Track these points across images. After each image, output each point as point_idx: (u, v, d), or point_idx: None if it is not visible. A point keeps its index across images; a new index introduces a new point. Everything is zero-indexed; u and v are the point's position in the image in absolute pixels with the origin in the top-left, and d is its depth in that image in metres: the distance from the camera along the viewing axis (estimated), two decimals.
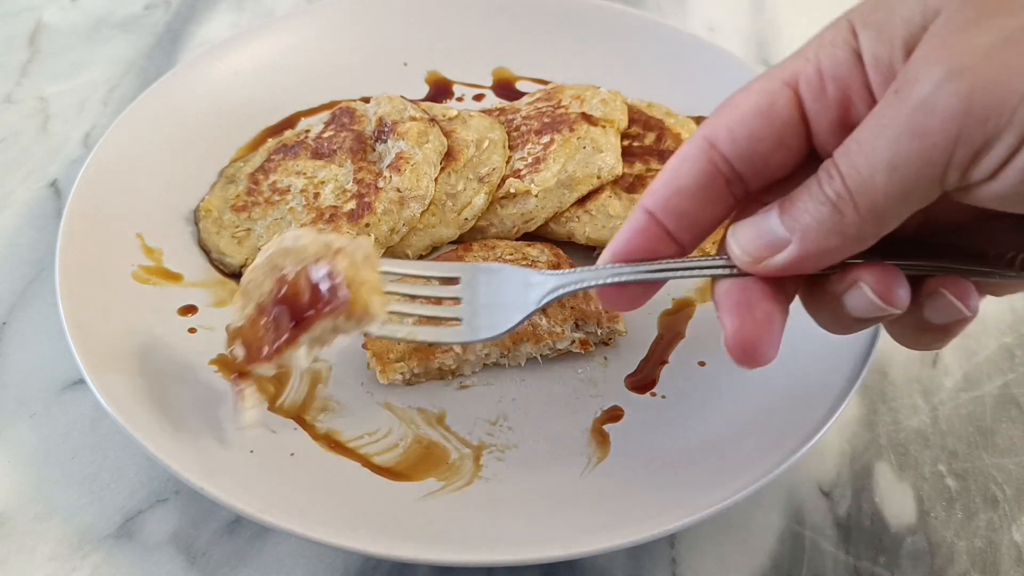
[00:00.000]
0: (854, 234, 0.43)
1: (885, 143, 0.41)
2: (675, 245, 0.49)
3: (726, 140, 0.47)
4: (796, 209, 0.45)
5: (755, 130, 0.46)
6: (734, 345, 0.47)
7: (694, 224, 0.48)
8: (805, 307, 0.51)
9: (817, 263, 0.45)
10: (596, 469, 0.59)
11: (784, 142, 0.46)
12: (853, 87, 0.45)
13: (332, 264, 0.52)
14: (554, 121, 0.77)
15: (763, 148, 0.46)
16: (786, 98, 0.46)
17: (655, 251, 0.48)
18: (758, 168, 0.47)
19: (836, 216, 0.43)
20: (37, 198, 0.80)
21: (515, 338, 0.64)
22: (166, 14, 1.01)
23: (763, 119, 0.46)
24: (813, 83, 0.46)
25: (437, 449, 0.61)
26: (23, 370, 0.67)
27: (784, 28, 1.04)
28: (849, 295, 0.46)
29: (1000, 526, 0.61)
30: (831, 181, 0.43)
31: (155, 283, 0.68)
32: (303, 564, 0.58)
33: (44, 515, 0.59)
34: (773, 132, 0.46)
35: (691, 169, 0.47)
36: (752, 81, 0.48)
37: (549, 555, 0.52)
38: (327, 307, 0.52)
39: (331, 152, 0.76)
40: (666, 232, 0.48)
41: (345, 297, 0.51)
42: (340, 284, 0.52)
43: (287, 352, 0.54)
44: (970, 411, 0.68)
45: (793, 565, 0.59)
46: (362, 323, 0.52)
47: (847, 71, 0.45)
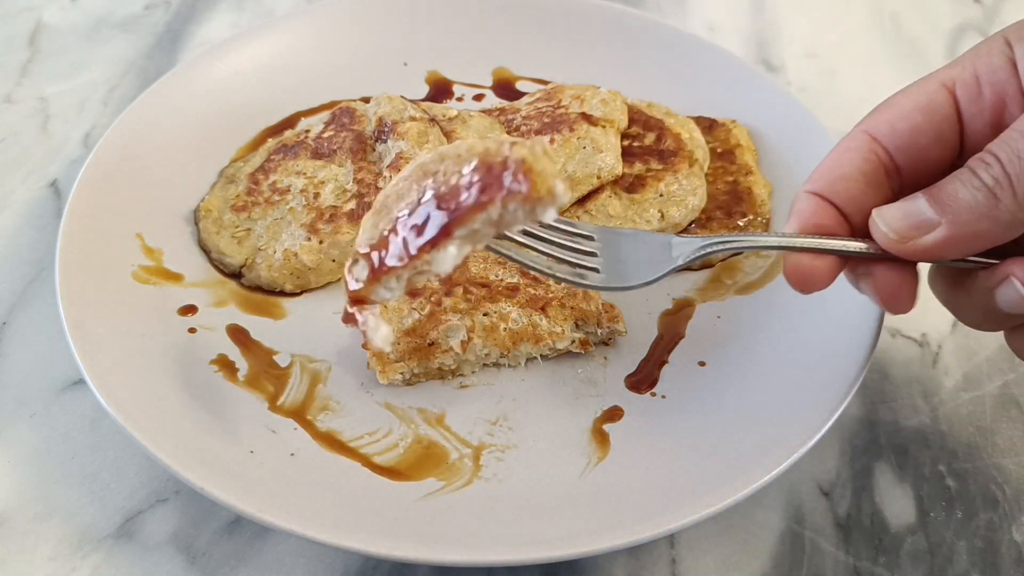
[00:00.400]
0: (1007, 220, 0.46)
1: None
2: (846, 223, 0.52)
3: (887, 133, 0.51)
4: (945, 194, 0.47)
5: (916, 124, 0.50)
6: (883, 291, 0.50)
7: (860, 209, 0.51)
8: (947, 304, 0.54)
9: (965, 247, 0.48)
10: (596, 469, 0.59)
11: (942, 137, 0.50)
12: (1008, 92, 0.49)
13: (508, 154, 0.47)
14: (554, 121, 0.77)
15: (922, 141, 0.50)
16: (944, 97, 0.50)
17: (832, 227, 0.52)
18: (916, 161, 0.51)
19: (991, 201, 0.45)
20: (37, 198, 0.80)
21: (515, 338, 0.64)
22: (166, 14, 1.01)
23: (923, 114, 0.50)
24: (970, 86, 0.49)
25: (437, 449, 0.61)
26: (23, 370, 0.67)
27: (784, 28, 1.04)
28: (1001, 290, 0.49)
29: (1000, 526, 0.61)
30: (988, 168, 0.46)
31: (155, 283, 0.68)
32: (303, 564, 0.58)
33: (44, 515, 0.59)
34: (932, 126, 0.50)
35: (854, 158, 0.51)
36: (908, 85, 0.52)
37: (549, 555, 0.52)
38: (497, 193, 0.47)
39: (331, 152, 0.76)
40: (836, 210, 0.51)
41: (523, 181, 0.46)
42: (516, 170, 0.47)
43: (432, 253, 0.49)
44: (970, 411, 0.68)
45: (793, 565, 0.59)
46: (541, 205, 0.47)
47: (1003, 77, 0.49)
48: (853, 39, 1.04)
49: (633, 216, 0.73)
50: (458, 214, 0.48)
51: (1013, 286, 0.48)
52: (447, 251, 0.49)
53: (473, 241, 0.49)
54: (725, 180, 0.78)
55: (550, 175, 0.46)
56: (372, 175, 0.73)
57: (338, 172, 0.75)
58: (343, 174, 0.74)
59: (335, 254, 0.70)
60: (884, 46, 1.03)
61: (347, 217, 0.71)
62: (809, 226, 0.52)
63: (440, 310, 0.65)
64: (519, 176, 0.46)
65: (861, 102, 0.94)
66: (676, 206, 0.73)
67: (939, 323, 0.73)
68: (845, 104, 0.94)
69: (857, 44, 1.03)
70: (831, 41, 1.03)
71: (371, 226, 0.52)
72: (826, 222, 0.52)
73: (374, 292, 0.52)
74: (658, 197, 0.74)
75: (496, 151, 0.48)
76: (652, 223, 0.73)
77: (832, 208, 0.52)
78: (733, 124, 0.82)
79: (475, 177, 0.48)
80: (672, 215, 0.73)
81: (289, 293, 0.70)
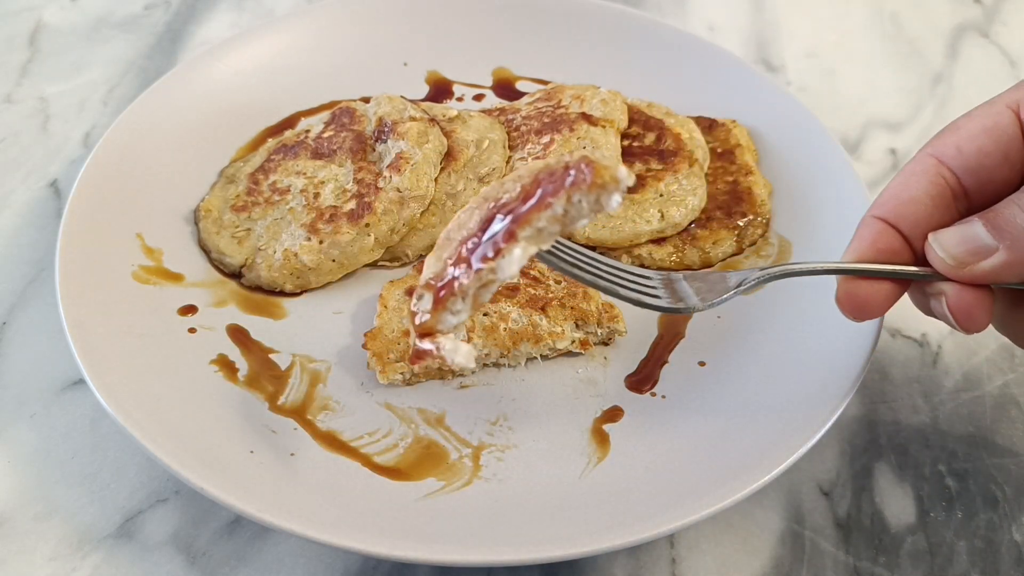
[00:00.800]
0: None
1: None
2: (910, 249, 0.52)
3: (954, 156, 0.51)
4: (1003, 219, 0.47)
5: (982, 145, 0.50)
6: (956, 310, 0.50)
7: (926, 232, 0.51)
8: (1003, 328, 0.54)
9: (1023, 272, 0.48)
10: (596, 469, 0.59)
11: (1009, 158, 0.50)
12: None
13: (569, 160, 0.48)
14: (554, 121, 0.77)
15: (989, 162, 0.50)
16: (1009, 119, 0.50)
17: (895, 252, 0.52)
18: (983, 183, 0.51)
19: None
20: (37, 198, 0.80)
21: (515, 338, 0.64)
22: (166, 14, 1.01)
23: (989, 135, 0.50)
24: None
25: (437, 449, 0.61)
26: (23, 370, 0.67)
27: (784, 28, 1.04)
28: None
29: (1000, 526, 0.61)
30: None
31: (155, 283, 0.68)
32: (303, 564, 0.58)
33: (44, 515, 0.59)
34: (999, 148, 0.50)
35: (920, 181, 0.51)
36: (973, 109, 0.52)
37: (549, 555, 0.52)
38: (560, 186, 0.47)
39: (331, 152, 0.76)
40: (902, 237, 0.51)
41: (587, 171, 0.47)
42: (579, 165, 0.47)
43: (497, 261, 0.48)
44: (970, 411, 0.68)
45: (793, 565, 0.59)
46: (606, 193, 0.47)
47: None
48: (853, 39, 1.04)
49: (633, 216, 0.73)
50: (522, 215, 0.48)
51: None
52: (512, 255, 0.48)
53: (539, 241, 0.49)
54: (725, 180, 0.78)
55: (612, 163, 0.47)
56: (372, 175, 0.73)
57: (338, 172, 0.75)
58: (343, 174, 0.74)
59: (335, 254, 0.70)
60: (884, 46, 1.03)
61: (347, 217, 0.71)
62: (870, 252, 0.52)
63: None
64: (582, 168, 0.47)
65: (861, 102, 0.95)
66: (676, 206, 0.73)
67: (939, 324, 0.73)
68: (845, 104, 0.94)
69: (857, 44, 1.03)
70: (831, 41, 1.03)
71: (434, 260, 0.52)
72: (889, 246, 0.52)
73: (441, 321, 0.51)
74: (658, 197, 0.74)
75: (557, 162, 0.49)
76: (652, 223, 0.73)
77: (895, 233, 0.52)
78: (733, 124, 0.82)
79: (538, 184, 0.48)
80: (672, 215, 0.73)
81: (289, 293, 0.70)
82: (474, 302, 0.50)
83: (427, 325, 0.51)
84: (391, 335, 0.65)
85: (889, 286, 0.52)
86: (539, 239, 0.49)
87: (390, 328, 0.66)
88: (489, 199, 0.51)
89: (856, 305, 0.52)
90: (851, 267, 0.53)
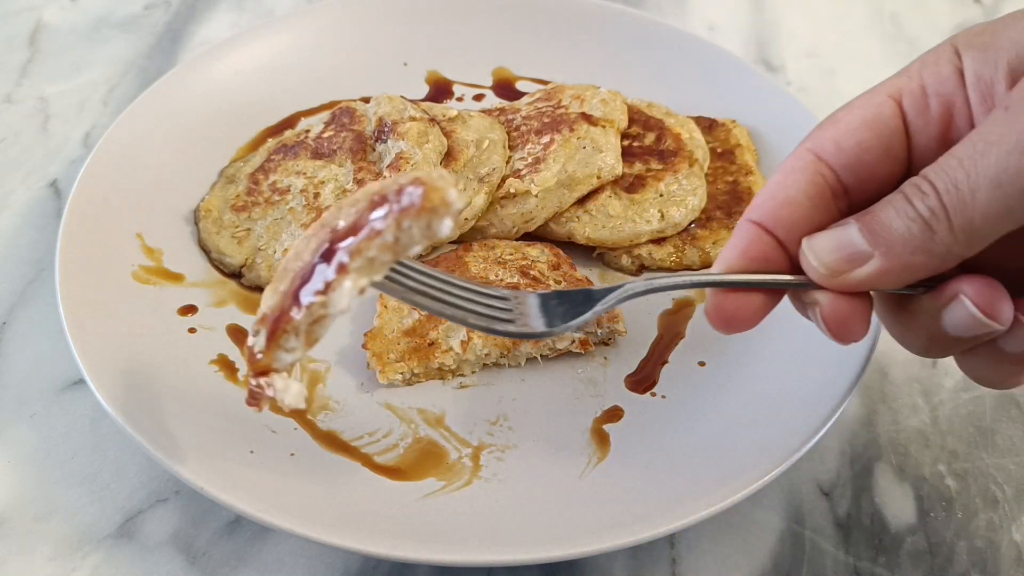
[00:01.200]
0: (942, 252, 0.43)
1: (993, 159, 0.40)
2: (786, 256, 0.48)
3: (832, 151, 0.47)
4: (879, 224, 0.44)
5: (862, 139, 0.46)
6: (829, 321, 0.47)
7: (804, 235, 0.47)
8: (890, 330, 0.50)
9: (898, 280, 0.45)
10: (596, 469, 0.59)
11: (890, 152, 0.47)
12: (956, 104, 0.45)
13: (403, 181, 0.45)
14: (554, 121, 0.77)
15: (870, 158, 0.47)
16: (891, 110, 0.47)
17: (768, 260, 0.48)
18: (864, 179, 0.47)
19: (927, 233, 0.42)
20: (37, 198, 0.80)
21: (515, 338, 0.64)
22: (166, 14, 1.01)
23: (869, 129, 0.46)
24: (917, 98, 0.46)
25: (437, 449, 0.61)
26: (23, 370, 0.67)
27: (784, 28, 1.04)
28: (949, 311, 0.45)
29: (1000, 526, 0.61)
30: (924, 197, 0.42)
31: (155, 283, 0.68)
32: (303, 564, 0.58)
33: (44, 515, 0.59)
34: (880, 142, 0.46)
35: (798, 180, 0.47)
36: (853, 99, 0.48)
37: (549, 555, 0.52)
38: (389, 215, 0.45)
39: (331, 152, 0.76)
40: (777, 242, 0.48)
41: (415, 194, 0.44)
42: (405, 188, 0.45)
43: (329, 295, 0.46)
44: (970, 411, 0.68)
45: (793, 565, 0.59)
46: (437, 217, 0.44)
47: (951, 88, 0.45)
48: (853, 39, 1.04)
49: (633, 216, 0.73)
50: (353, 246, 0.46)
51: (963, 306, 0.44)
52: (343, 288, 0.46)
53: (371, 272, 0.46)
54: (725, 180, 0.78)
55: (444, 185, 0.44)
56: (372, 175, 0.73)
57: (338, 172, 0.75)
58: (343, 174, 0.74)
59: None
60: (884, 46, 1.03)
61: None
62: (740, 261, 0.48)
63: None
64: (413, 190, 0.44)
65: None
66: (676, 206, 0.73)
67: None
68: None
69: (857, 44, 1.03)
70: (831, 41, 1.03)
71: (271, 294, 0.50)
72: (762, 254, 0.48)
73: (276, 359, 0.49)
74: (658, 197, 0.74)
75: (391, 183, 0.46)
76: (652, 223, 0.73)
77: (770, 238, 0.48)
78: (733, 124, 0.82)
79: (370, 210, 0.46)
80: (672, 215, 0.73)
81: None
82: (307, 338, 0.48)
83: (261, 364, 0.49)
84: (391, 335, 0.65)
85: (761, 297, 0.48)
86: (371, 269, 0.46)
87: (390, 328, 0.66)
88: (326, 226, 0.48)
89: (724, 319, 0.48)
90: (717, 279, 0.48)
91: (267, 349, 0.49)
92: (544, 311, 0.51)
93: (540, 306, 0.51)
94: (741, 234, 0.48)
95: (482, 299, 0.50)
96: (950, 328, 0.45)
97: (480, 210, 0.73)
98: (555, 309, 0.51)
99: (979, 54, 0.45)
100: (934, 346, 0.48)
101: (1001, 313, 0.44)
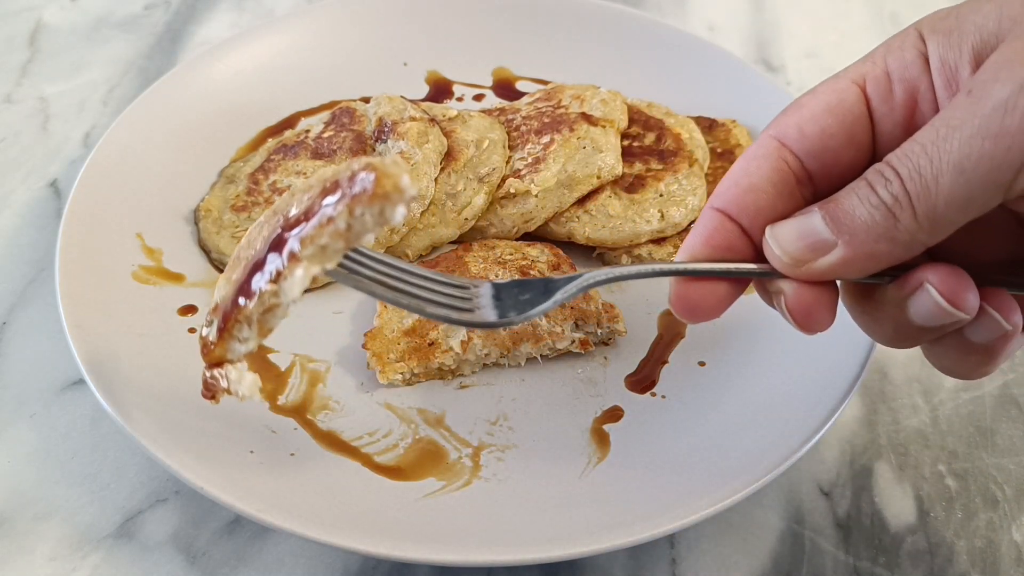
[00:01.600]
0: (906, 240, 0.42)
1: (956, 145, 0.40)
2: (750, 244, 0.47)
3: (796, 138, 0.46)
4: (842, 211, 0.43)
5: (826, 126, 0.46)
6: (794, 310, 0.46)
7: (768, 223, 0.47)
8: (856, 320, 0.50)
9: (862, 269, 0.44)
10: (596, 469, 0.59)
11: (854, 139, 0.46)
12: (920, 90, 0.45)
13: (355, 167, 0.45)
14: (554, 121, 0.77)
15: (834, 144, 0.46)
16: (855, 95, 0.46)
17: (732, 249, 0.47)
18: (828, 166, 0.46)
19: (889, 220, 0.42)
20: (37, 198, 0.80)
21: (515, 338, 0.64)
22: (166, 14, 1.01)
23: (833, 115, 0.46)
24: (881, 84, 0.46)
25: (437, 449, 0.61)
26: (23, 370, 0.67)
27: (784, 28, 1.04)
28: (914, 300, 0.44)
29: (1000, 526, 0.61)
30: (888, 184, 0.42)
31: (155, 283, 0.68)
32: (303, 564, 0.58)
33: (44, 515, 0.59)
34: (843, 128, 0.46)
35: (761, 167, 0.47)
36: (818, 85, 0.47)
37: (549, 555, 0.52)
38: (341, 201, 0.44)
39: (331, 152, 0.76)
40: (741, 230, 0.47)
41: (367, 181, 0.44)
42: (358, 174, 0.44)
43: (280, 284, 0.46)
44: (970, 411, 0.68)
45: (793, 565, 0.59)
46: (390, 204, 0.44)
47: (915, 74, 0.45)
48: (853, 39, 1.04)
49: (633, 216, 0.73)
50: (304, 234, 0.45)
51: (928, 295, 0.44)
52: (294, 276, 0.45)
53: (323, 260, 0.45)
54: None
55: (397, 172, 0.43)
56: None
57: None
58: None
59: None
60: None
61: None
62: (703, 250, 0.47)
63: None
64: (365, 176, 0.44)
65: None
66: (676, 206, 0.73)
67: None
68: None
69: (857, 44, 1.03)
70: (831, 41, 1.03)
71: (224, 283, 0.49)
72: (726, 242, 0.47)
73: (229, 350, 0.49)
74: (658, 197, 0.74)
75: (344, 169, 0.46)
76: (652, 223, 0.73)
77: (734, 226, 0.47)
78: (733, 124, 0.82)
79: (322, 196, 0.46)
80: (672, 215, 0.73)
81: None
82: (260, 328, 0.47)
83: (215, 355, 0.48)
84: (391, 335, 0.65)
85: (725, 286, 0.47)
86: (323, 257, 0.45)
87: (390, 328, 0.66)
88: (279, 213, 0.48)
89: (687, 308, 0.48)
90: (680, 268, 0.47)
91: (220, 340, 0.48)
92: (501, 300, 0.49)
93: (495, 296, 0.49)
94: (704, 222, 0.48)
95: (439, 287, 0.49)
96: (916, 317, 0.45)
97: (480, 210, 0.73)
98: (516, 298, 0.49)
99: (944, 38, 0.44)
100: (901, 336, 0.47)
101: (966, 302, 0.44)
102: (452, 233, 0.73)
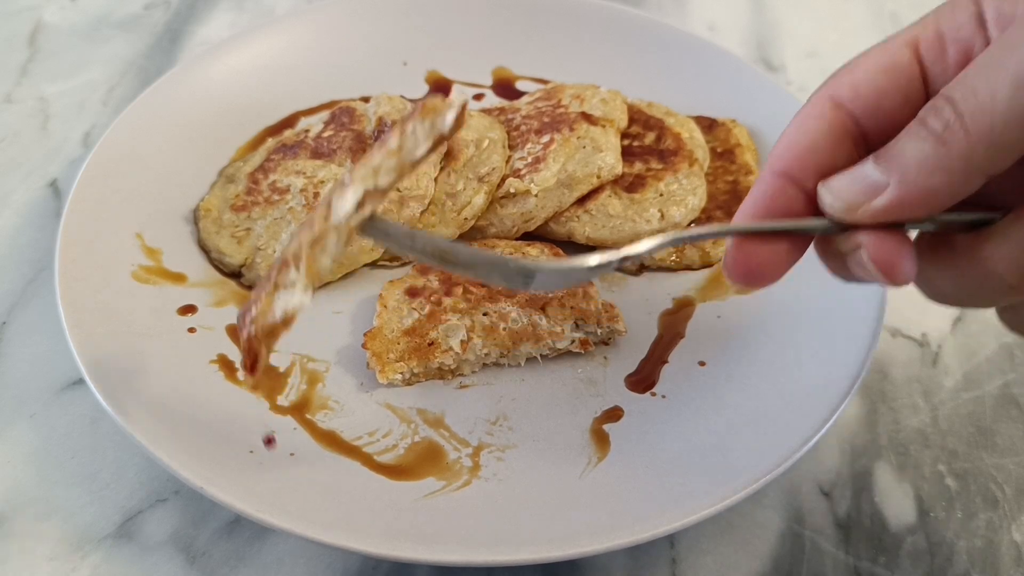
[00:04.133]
0: (962, 167, 0.40)
1: (1014, 61, 0.38)
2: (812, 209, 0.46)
3: (851, 97, 0.46)
4: (892, 153, 0.42)
5: (880, 85, 0.45)
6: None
7: None
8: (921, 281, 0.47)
9: (922, 207, 0.42)
10: (596, 469, 0.59)
11: (909, 99, 0.45)
12: (974, 49, 0.44)
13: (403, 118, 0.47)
14: (554, 121, 0.77)
15: (888, 104, 0.45)
16: (908, 57, 0.45)
17: (792, 213, 0.46)
18: (883, 125, 0.45)
19: (939, 150, 0.40)
20: (37, 198, 0.80)
21: (515, 338, 0.64)
22: (166, 14, 1.01)
23: (887, 75, 0.45)
24: (933, 45, 0.45)
25: (437, 449, 0.61)
26: (23, 370, 0.67)
27: (784, 28, 1.04)
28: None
29: (1000, 526, 0.61)
30: (939, 112, 0.41)
31: (155, 283, 0.68)
32: (303, 564, 0.58)
33: (44, 515, 0.59)
34: (898, 87, 0.45)
35: (820, 126, 0.46)
36: (868, 48, 0.47)
37: (549, 555, 0.52)
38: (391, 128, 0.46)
39: (331, 152, 0.76)
40: (800, 193, 0.46)
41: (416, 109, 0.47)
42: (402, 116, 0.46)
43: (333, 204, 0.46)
44: (970, 411, 0.68)
45: (793, 565, 0.59)
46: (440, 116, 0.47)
47: (968, 34, 0.44)
48: (853, 39, 1.04)
49: (633, 216, 0.73)
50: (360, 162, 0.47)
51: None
52: (345, 196, 0.46)
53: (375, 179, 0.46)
54: (725, 180, 0.78)
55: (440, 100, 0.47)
56: None
57: (338, 172, 0.74)
58: (343, 174, 0.74)
59: None
60: None
61: None
62: (764, 212, 0.46)
63: (440, 310, 0.65)
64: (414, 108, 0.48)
65: None
66: (676, 206, 0.73)
67: (939, 323, 0.73)
68: None
69: (857, 44, 1.02)
70: (831, 41, 1.03)
71: None
72: (787, 206, 0.46)
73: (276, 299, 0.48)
74: (658, 197, 0.74)
75: None
76: (652, 223, 0.73)
77: (796, 188, 0.46)
78: (733, 124, 0.82)
79: None
80: (672, 215, 0.73)
81: None
82: (308, 270, 0.47)
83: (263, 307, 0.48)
84: (391, 335, 0.65)
85: (786, 246, 0.46)
86: (375, 177, 0.46)
87: (390, 328, 0.66)
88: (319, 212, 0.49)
89: (748, 271, 0.46)
90: (743, 227, 0.46)
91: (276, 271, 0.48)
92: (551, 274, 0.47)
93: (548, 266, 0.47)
94: (762, 187, 0.46)
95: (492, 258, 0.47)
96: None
97: (480, 210, 0.73)
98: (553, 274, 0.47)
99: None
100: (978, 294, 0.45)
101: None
102: (452, 233, 0.73)
